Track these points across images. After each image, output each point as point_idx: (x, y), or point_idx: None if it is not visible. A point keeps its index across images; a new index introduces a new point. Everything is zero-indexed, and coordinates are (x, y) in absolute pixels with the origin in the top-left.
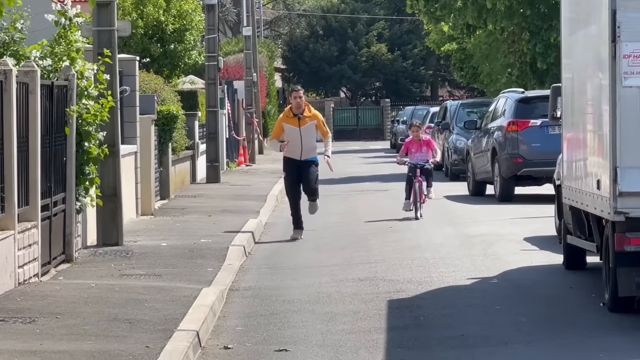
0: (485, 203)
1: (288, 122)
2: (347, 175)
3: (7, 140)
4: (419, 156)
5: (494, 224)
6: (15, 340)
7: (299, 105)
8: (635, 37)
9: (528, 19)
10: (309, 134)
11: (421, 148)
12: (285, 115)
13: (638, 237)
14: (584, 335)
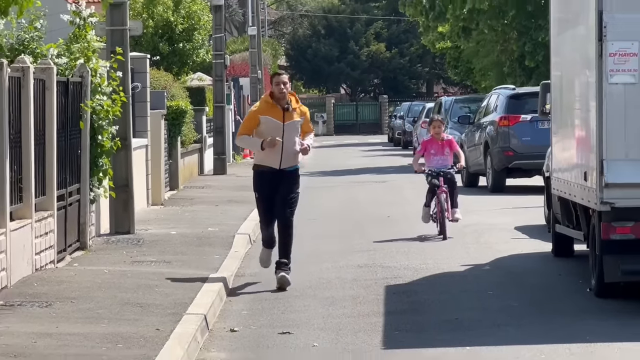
0: (477, 194)
1: (267, 112)
2: (347, 167)
3: (25, 134)
4: (440, 160)
5: (486, 214)
6: (33, 323)
7: (283, 94)
8: (621, 36)
9: (516, 20)
10: (293, 134)
11: (443, 150)
12: (264, 103)
13: (623, 226)
14: (571, 319)
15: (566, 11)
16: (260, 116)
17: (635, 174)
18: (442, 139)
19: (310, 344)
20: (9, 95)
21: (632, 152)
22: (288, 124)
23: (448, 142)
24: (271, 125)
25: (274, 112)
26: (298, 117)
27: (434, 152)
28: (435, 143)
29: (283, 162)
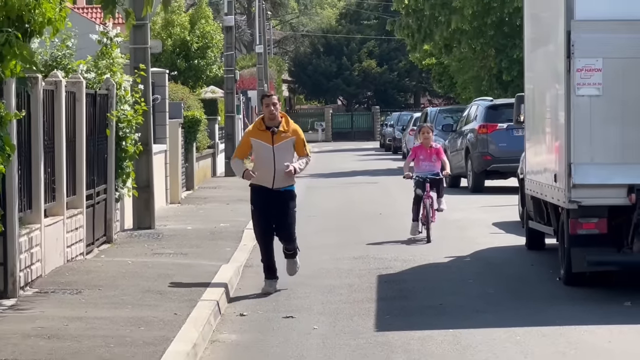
0: (459, 193)
1: (258, 136)
2: (344, 170)
3: (58, 140)
4: (428, 166)
5: (467, 211)
6: (65, 308)
7: (273, 115)
8: (587, 53)
9: (494, 39)
10: (284, 155)
11: (431, 157)
12: (255, 128)
13: (588, 222)
14: (543, 305)
15: (538, 32)
16: (252, 139)
17: (599, 176)
18: (430, 146)
19: (311, 327)
20: (43, 106)
21: (597, 157)
22: (278, 146)
23: (436, 150)
24: (262, 148)
25: (264, 136)
26: (287, 137)
27: (422, 157)
28: (424, 150)
29: (276, 183)
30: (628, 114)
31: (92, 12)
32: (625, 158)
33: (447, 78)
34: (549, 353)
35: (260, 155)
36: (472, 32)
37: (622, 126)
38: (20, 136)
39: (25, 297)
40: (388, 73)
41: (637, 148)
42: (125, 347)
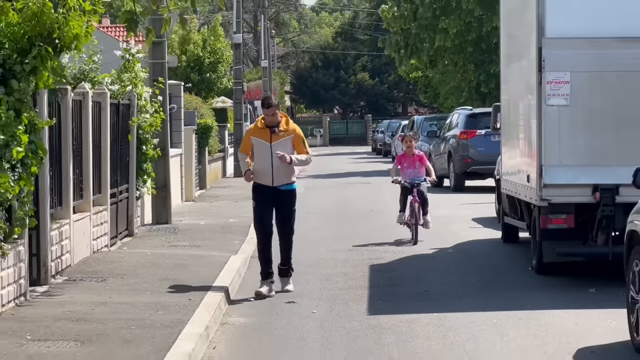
0: (443, 192)
1: (257, 134)
2: (339, 171)
3: (85, 144)
4: (412, 172)
5: (450, 208)
6: (91, 294)
7: (274, 117)
8: (556, 68)
9: (473, 55)
10: (283, 152)
11: (414, 163)
12: (255, 127)
13: (558, 218)
14: (517, 292)
15: (513, 48)
16: (251, 137)
17: (567, 177)
18: (413, 153)
19: (310, 311)
20: (72, 114)
21: (565, 160)
22: (276, 144)
23: (419, 157)
24: (260, 146)
25: (263, 134)
26: (286, 135)
27: (406, 165)
28: (407, 157)
29: (275, 180)
30: (593, 121)
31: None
32: (590, 161)
33: (432, 89)
34: (522, 334)
35: (259, 153)
36: (453, 48)
37: (588, 132)
38: (51, 141)
39: (56, 284)
40: (379, 85)
41: (601, 152)
42: (145, 329)
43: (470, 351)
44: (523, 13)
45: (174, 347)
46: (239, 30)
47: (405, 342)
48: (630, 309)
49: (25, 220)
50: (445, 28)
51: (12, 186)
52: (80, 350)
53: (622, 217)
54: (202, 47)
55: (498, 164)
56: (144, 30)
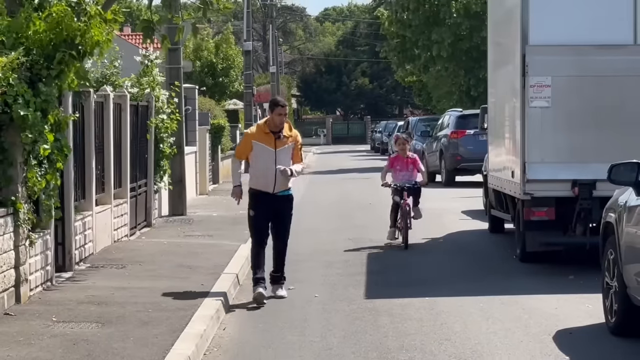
0: (435, 187)
1: (261, 139)
2: (340, 167)
3: (106, 143)
4: (405, 175)
5: (441, 201)
6: (112, 280)
7: (282, 122)
8: (539, 72)
9: (464, 62)
10: (284, 159)
11: (407, 166)
12: (258, 130)
13: (540, 210)
14: (502, 278)
15: (499, 55)
16: (253, 141)
17: (548, 173)
18: (407, 156)
19: (313, 295)
20: (94, 114)
21: (547, 157)
22: (280, 150)
23: (412, 160)
24: (263, 151)
25: (267, 139)
26: (289, 142)
27: (399, 167)
28: (400, 159)
29: (277, 187)
30: (572, 122)
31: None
32: (569, 158)
33: (425, 93)
34: (507, 317)
35: (261, 159)
36: (447, 58)
37: (567, 132)
38: (75, 139)
39: (80, 270)
40: (378, 89)
41: (579, 150)
42: (161, 312)
43: (458, 332)
44: (509, 23)
45: (187, 328)
46: (249, 39)
47: (399, 324)
48: (605, 294)
49: (52, 212)
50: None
51: (39, 180)
52: (101, 331)
53: (598, 210)
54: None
55: (485, 161)
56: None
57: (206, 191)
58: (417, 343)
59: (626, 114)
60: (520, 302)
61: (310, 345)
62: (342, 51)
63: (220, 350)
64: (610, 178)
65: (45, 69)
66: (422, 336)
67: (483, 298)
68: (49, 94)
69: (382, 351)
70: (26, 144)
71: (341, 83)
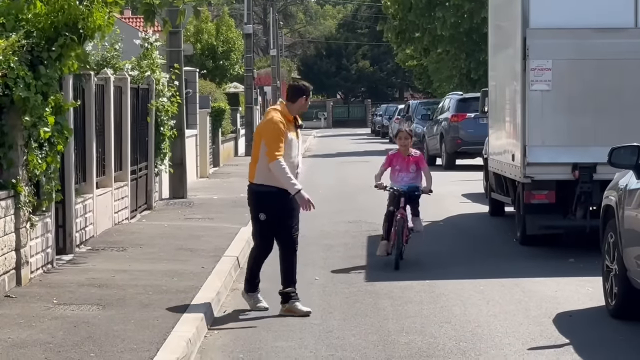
0: (435, 170)
1: (289, 129)
2: (341, 151)
3: (107, 126)
4: (405, 178)
5: (441, 185)
6: (113, 263)
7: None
8: (539, 55)
9: (465, 44)
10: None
11: (409, 166)
12: (284, 117)
13: (540, 193)
14: (502, 261)
15: (500, 38)
16: (286, 132)
17: (549, 156)
18: (408, 153)
19: (313, 278)
20: (95, 97)
21: (547, 140)
22: (299, 141)
23: (415, 158)
24: (292, 142)
25: (292, 128)
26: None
27: (398, 167)
28: (401, 158)
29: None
30: (572, 105)
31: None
32: (570, 141)
33: (426, 76)
34: (507, 300)
35: (290, 151)
36: (449, 38)
37: (568, 115)
38: (76, 122)
39: (80, 253)
40: (378, 72)
41: (580, 133)
42: (162, 294)
43: (458, 315)
44: (509, 6)
45: (188, 311)
46: (250, 22)
47: (399, 306)
48: (606, 277)
49: (52, 195)
50: (442, 16)
51: (40, 163)
52: (102, 314)
53: (598, 193)
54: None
55: (486, 144)
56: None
57: (207, 174)
58: (417, 326)
59: (627, 97)
60: (520, 285)
61: (311, 328)
62: (343, 34)
63: (220, 333)
64: (611, 161)
65: (46, 51)
66: (422, 319)
67: (483, 281)
68: (49, 76)
69: (383, 334)
70: (26, 126)
71: (341, 66)
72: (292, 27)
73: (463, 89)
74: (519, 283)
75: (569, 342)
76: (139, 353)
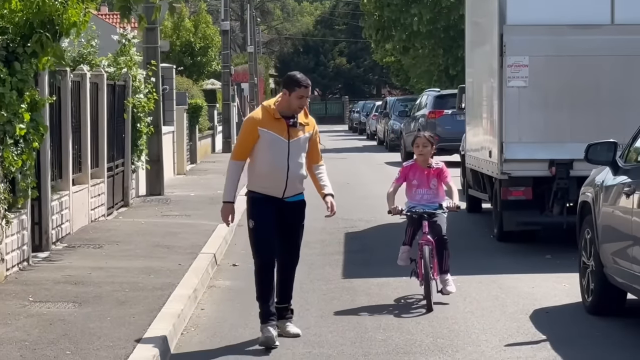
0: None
1: (270, 126)
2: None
3: (83, 122)
4: (425, 195)
5: None
6: (89, 260)
7: (302, 107)
8: (516, 52)
9: (442, 40)
10: (298, 154)
11: (428, 180)
12: (266, 114)
13: (517, 190)
14: (479, 257)
15: (477, 35)
16: (260, 129)
17: (526, 153)
18: (428, 165)
19: None
20: (71, 94)
21: (524, 137)
22: (294, 142)
23: (437, 171)
24: (273, 142)
25: (277, 126)
26: (306, 132)
27: (416, 182)
28: (418, 170)
29: (288, 190)
30: (549, 101)
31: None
32: (547, 138)
33: (403, 73)
34: (484, 296)
35: (270, 152)
36: (424, 34)
37: (545, 112)
38: (52, 118)
39: (56, 250)
40: (355, 69)
41: (557, 129)
42: (138, 292)
43: (435, 311)
44: (486, 3)
45: (165, 308)
46: (227, 18)
47: (376, 303)
48: (582, 273)
49: (28, 192)
50: (419, 12)
51: (15, 160)
52: (78, 311)
53: (575, 190)
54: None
55: (463, 141)
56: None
57: (184, 171)
58: (395, 322)
59: (603, 93)
60: (497, 282)
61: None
62: (320, 31)
63: (197, 330)
64: (588, 157)
65: (22, 47)
66: (399, 316)
67: (461, 277)
68: (25, 73)
69: (360, 330)
70: (2, 123)
71: (319, 63)
72: (270, 23)
73: (441, 85)
74: (496, 279)
75: (545, 338)
76: (115, 350)
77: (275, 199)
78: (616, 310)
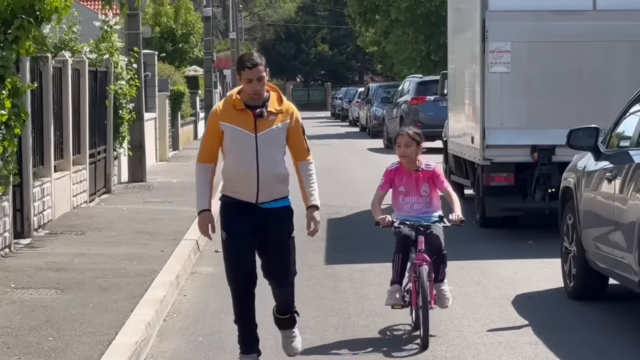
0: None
1: (232, 119)
2: None
3: (65, 108)
4: (416, 205)
5: None
6: (71, 246)
7: (258, 96)
8: (498, 38)
9: (424, 27)
10: (272, 149)
11: (418, 187)
12: (227, 107)
13: (499, 176)
14: (462, 243)
15: (459, 21)
16: (222, 123)
17: (508, 138)
18: (416, 168)
19: None
20: (53, 80)
21: (506, 123)
22: (263, 135)
23: (428, 174)
24: (238, 137)
25: (242, 119)
26: (279, 122)
27: (403, 189)
28: (404, 175)
29: (262, 195)
30: (531, 87)
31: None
32: (529, 123)
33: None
34: (466, 282)
35: (235, 150)
36: (406, 21)
37: (527, 98)
38: (33, 105)
39: (38, 237)
40: (338, 55)
41: (539, 115)
42: (121, 278)
43: None
44: None
45: (147, 294)
46: (209, 4)
47: (359, 289)
48: (564, 259)
49: (9, 178)
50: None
51: None
52: (60, 297)
53: (557, 175)
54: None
55: (445, 127)
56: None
57: (166, 157)
58: (377, 308)
59: (585, 79)
60: (479, 267)
61: (270, 311)
62: (302, 17)
63: (180, 316)
64: (569, 143)
65: (2, 34)
66: (382, 301)
67: None
68: (6, 59)
69: (343, 316)
70: None
71: (301, 49)
72: (252, 10)
73: (424, 72)
74: (478, 265)
75: (527, 323)
76: (98, 337)
77: (249, 205)
78: (598, 295)
